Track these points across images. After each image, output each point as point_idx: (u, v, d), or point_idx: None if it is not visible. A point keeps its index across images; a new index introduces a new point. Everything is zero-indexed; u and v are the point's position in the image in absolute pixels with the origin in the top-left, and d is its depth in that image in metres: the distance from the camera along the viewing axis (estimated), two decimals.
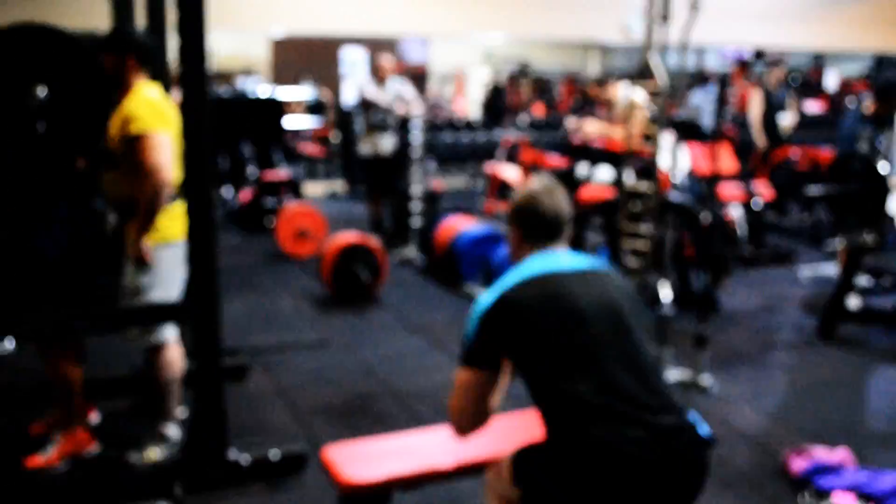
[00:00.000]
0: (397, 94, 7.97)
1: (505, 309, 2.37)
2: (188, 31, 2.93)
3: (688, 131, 4.52)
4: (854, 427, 4.29)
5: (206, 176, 3.05)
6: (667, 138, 4.67)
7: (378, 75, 8.03)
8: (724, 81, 5.16)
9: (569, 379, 2.29)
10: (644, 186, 4.54)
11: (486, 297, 2.42)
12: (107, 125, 3.11)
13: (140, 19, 4.48)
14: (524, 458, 2.43)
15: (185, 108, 2.97)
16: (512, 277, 2.46)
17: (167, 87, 4.24)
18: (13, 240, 3.57)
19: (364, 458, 2.83)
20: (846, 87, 16.05)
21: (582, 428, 2.24)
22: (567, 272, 2.46)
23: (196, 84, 2.96)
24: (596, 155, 5.98)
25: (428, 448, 2.93)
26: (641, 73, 4.57)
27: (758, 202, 7.53)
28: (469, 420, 2.47)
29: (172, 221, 3.54)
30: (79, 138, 3.02)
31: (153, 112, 3.39)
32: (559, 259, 2.51)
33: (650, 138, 4.57)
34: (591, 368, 2.30)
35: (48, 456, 3.59)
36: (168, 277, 3.57)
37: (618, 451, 2.20)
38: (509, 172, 8.99)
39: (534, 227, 2.57)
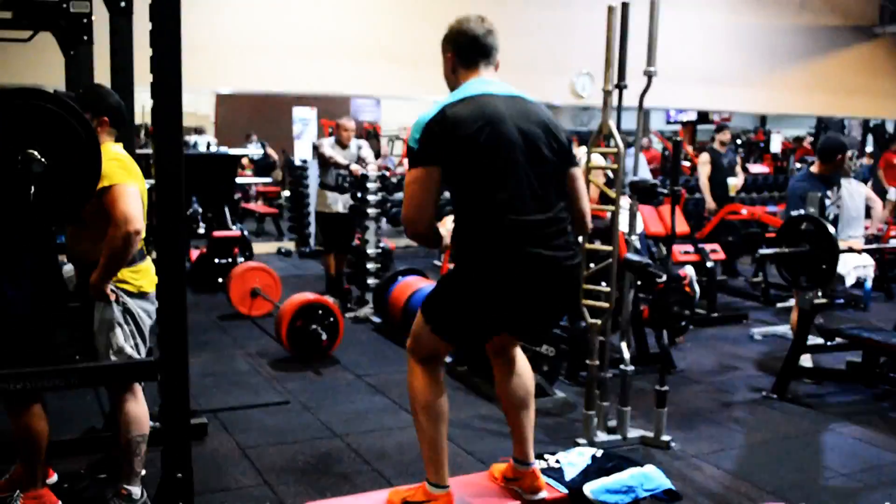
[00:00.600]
0: (357, 156, 8.01)
1: (445, 120, 2.74)
2: (163, 86, 2.95)
3: (645, 193, 4.62)
4: (811, 483, 4.36)
5: (179, 230, 3.05)
6: (624, 200, 4.77)
7: (341, 137, 8.04)
8: (676, 144, 5.28)
9: (487, 190, 2.72)
10: (601, 247, 4.62)
11: (429, 110, 2.79)
12: (93, 190, 3.10)
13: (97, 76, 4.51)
14: (429, 297, 2.94)
15: (160, 162, 2.98)
16: (451, 97, 2.83)
17: (133, 143, 4.26)
18: None
19: None
20: (790, 148, 16.58)
21: (490, 235, 2.72)
22: (499, 94, 2.85)
23: (170, 138, 2.97)
24: None
25: None
26: (598, 138, 4.68)
27: (710, 262, 7.70)
28: (422, 210, 2.80)
29: (140, 276, 3.55)
30: (66, 204, 3.00)
31: (121, 166, 3.45)
32: (492, 84, 2.89)
33: (608, 200, 4.67)
34: (507, 184, 2.73)
35: None
36: (140, 330, 3.57)
37: (515, 266, 2.71)
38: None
39: (467, 48, 2.92)
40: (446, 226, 2.97)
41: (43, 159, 2.76)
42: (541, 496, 3.10)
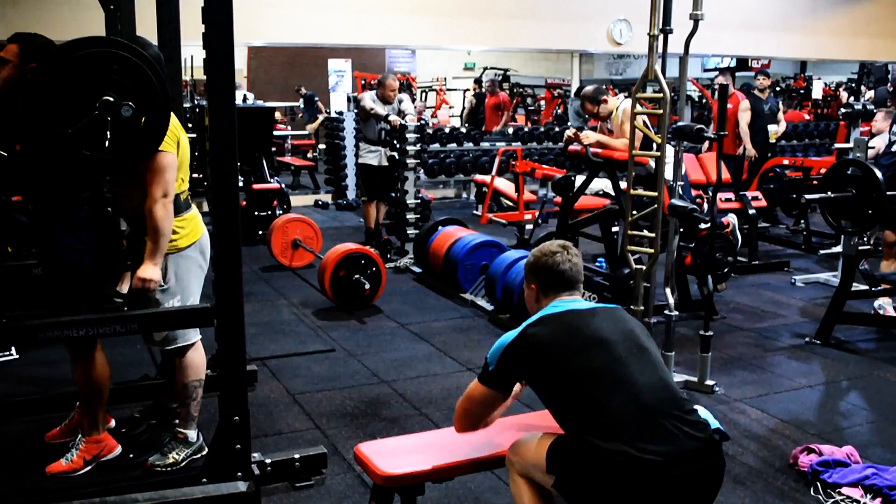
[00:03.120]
0: (397, 109, 8.01)
1: (526, 343, 2.61)
2: (215, 40, 2.96)
3: (691, 137, 4.59)
4: (856, 427, 4.38)
5: (233, 180, 3.09)
6: (669, 147, 4.75)
7: (387, 97, 8.06)
8: (723, 89, 5.22)
9: (600, 398, 2.48)
10: (646, 193, 4.61)
11: (511, 332, 2.67)
12: (160, 143, 3.14)
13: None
14: (560, 448, 2.56)
15: (214, 116, 3.01)
16: (533, 317, 2.71)
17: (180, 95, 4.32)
18: (40, 239, 3.62)
19: (394, 454, 2.90)
20: (831, 95, 16.26)
21: (616, 440, 2.40)
22: (582, 309, 2.72)
23: (223, 90, 3.00)
24: (593, 165, 6.05)
25: (451, 444, 2.99)
26: (643, 83, 4.65)
27: (752, 210, 7.66)
28: (471, 424, 2.80)
29: (184, 230, 3.60)
30: (137, 154, 3.05)
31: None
32: (575, 302, 2.77)
33: (652, 147, 4.65)
34: (621, 386, 2.50)
35: (71, 461, 3.60)
36: (183, 285, 3.61)
37: (648, 463, 2.37)
38: (503, 182, 9.08)
39: (550, 281, 2.81)
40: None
41: (129, 103, 2.78)
42: None
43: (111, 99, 2.81)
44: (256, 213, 9.19)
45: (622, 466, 2.38)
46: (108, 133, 2.82)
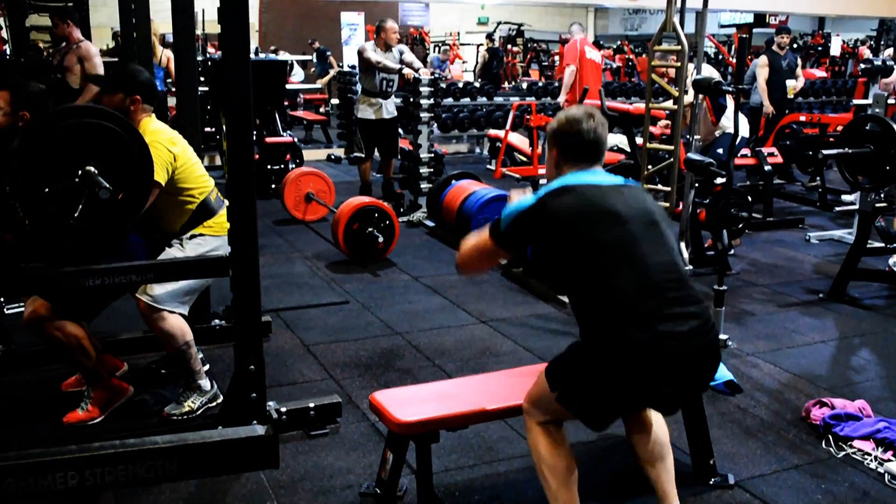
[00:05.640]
0: (399, 60, 7.90)
1: (543, 212, 2.59)
2: None
3: (710, 91, 4.55)
4: (869, 382, 4.39)
5: (248, 134, 3.07)
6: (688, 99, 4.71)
7: (389, 39, 7.88)
8: (742, 42, 5.16)
9: (609, 273, 2.49)
10: (662, 147, 4.59)
11: (529, 198, 2.66)
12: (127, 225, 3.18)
13: None
14: (555, 363, 2.67)
15: (228, 69, 2.99)
16: (552, 185, 2.67)
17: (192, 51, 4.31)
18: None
19: (409, 402, 2.92)
20: (849, 52, 16.03)
21: (621, 321, 2.45)
22: (603, 184, 2.67)
23: (237, 41, 2.98)
24: (609, 119, 6.00)
25: (465, 393, 3.03)
26: (660, 36, 4.61)
27: (767, 166, 7.61)
28: (473, 269, 2.96)
29: (212, 229, 3.74)
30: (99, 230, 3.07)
31: (158, 154, 3.42)
32: (596, 175, 2.71)
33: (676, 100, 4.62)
34: (631, 263, 2.51)
35: (87, 409, 3.65)
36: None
37: (656, 345, 2.43)
38: (516, 137, 9.03)
39: (573, 148, 2.74)
40: None
41: (107, 185, 2.82)
42: None
43: (93, 170, 2.82)
44: (269, 166, 9.16)
45: (621, 347, 2.44)
46: (82, 204, 2.83)
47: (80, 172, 2.83)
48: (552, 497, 2.70)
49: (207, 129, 9.97)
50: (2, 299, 4.79)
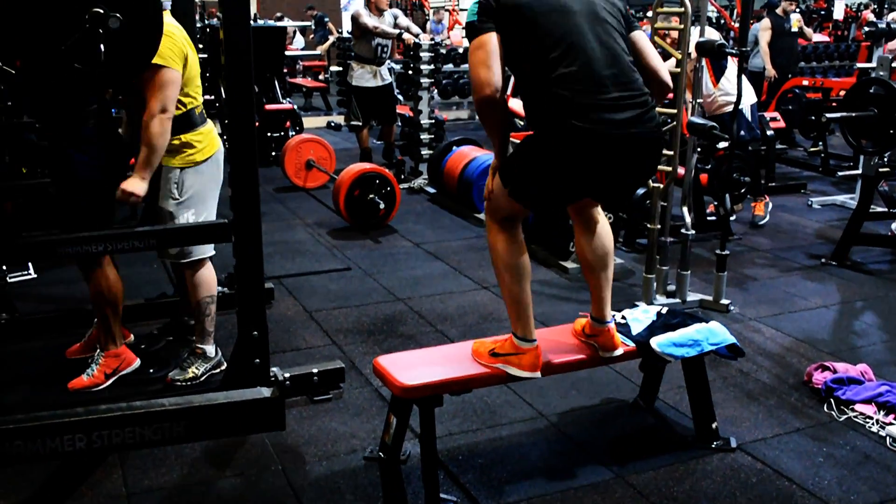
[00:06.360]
0: (394, 25, 7.83)
1: (497, 2, 2.68)
2: None
3: (712, 53, 4.50)
4: (870, 346, 4.40)
5: (249, 97, 3.05)
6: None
7: (376, 5, 7.80)
8: (745, 3, 5.11)
9: (554, 62, 2.60)
10: (664, 110, 4.55)
11: None
12: (153, 55, 3.09)
13: None
14: (508, 162, 2.84)
15: (228, 28, 2.96)
16: None
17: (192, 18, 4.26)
18: (52, 157, 3.60)
19: (412, 366, 2.93)
20: (852, 16, 15.91)
21: (564, 111, 2.57)
22: None
23: (238, 7, 2.95)
24: None
25: (468, 357, 3.03)
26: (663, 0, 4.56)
27: (770, 131, 7.57)
28: (491, 70, 2.67)
29: (201, 143, 3.61)
30: (130, 66, 3.01)
31: (171, 44, 3.38)
32: None
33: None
34: (575, 54, 2.61)
35: (93, 375, 3.66)
36: (199, 199, 3.63)
37: (594, 131, 2.57)
38: (517, 103, 8.96)
39: None
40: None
41: (116, 14, 2.74)
42: (616, 354, 3.14)
43: (100, 11, 2.76)
44: (269, 133, 9.12)
45: (562, 134, 2.58)
46: (102, 46, 2.78)
47: (87, 17, 2.76)
48: (506, 291, 2.95)
49: (207, 97, 9.91)
50: (4, 268, 4.79)
